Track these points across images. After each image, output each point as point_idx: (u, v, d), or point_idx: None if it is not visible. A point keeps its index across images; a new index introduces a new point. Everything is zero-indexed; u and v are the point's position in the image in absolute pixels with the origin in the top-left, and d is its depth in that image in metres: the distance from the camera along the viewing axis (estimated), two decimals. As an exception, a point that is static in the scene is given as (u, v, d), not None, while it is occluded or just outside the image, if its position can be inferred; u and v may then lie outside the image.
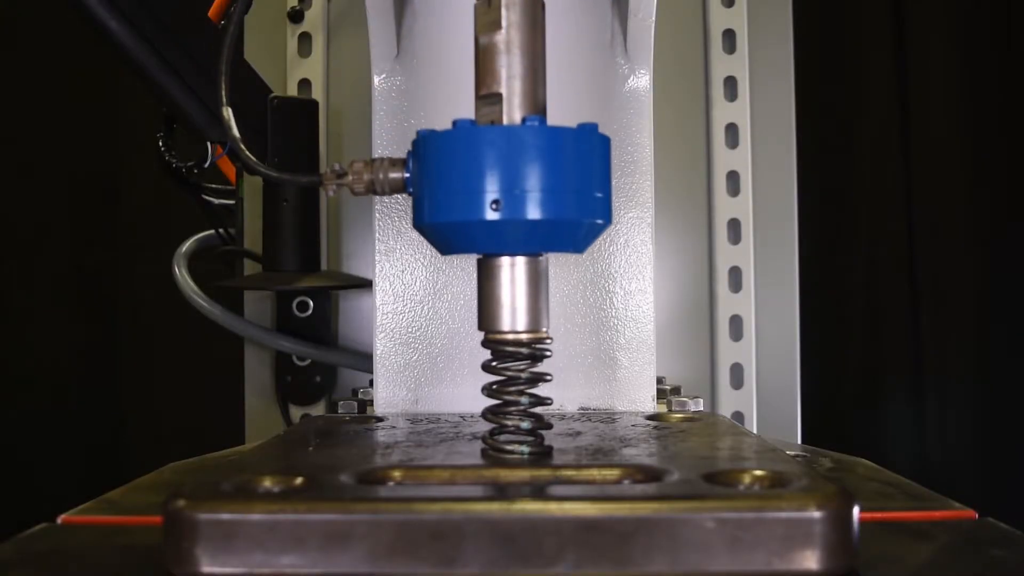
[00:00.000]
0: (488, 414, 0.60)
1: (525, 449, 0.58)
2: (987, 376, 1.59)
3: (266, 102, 1.02)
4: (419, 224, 0.58)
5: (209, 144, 1.05)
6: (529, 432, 0.58)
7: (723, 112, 1.21)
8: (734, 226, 1.21)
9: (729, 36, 1.22)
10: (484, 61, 0.58)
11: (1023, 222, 1.57)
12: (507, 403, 0.59)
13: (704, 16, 1.22)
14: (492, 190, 0.54)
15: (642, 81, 0.82)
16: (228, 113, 0.69)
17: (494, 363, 0.59)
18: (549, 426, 0.60)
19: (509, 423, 0.59)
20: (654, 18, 0.80)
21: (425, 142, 0.57)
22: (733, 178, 1.21)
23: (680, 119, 1.21)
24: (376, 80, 0.83)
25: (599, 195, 0.57)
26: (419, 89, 0.83)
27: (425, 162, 0.57)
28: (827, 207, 1.59)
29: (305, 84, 1.21)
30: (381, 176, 0.60)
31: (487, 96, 0.58)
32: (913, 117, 1.61)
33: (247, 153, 0.68)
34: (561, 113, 0.67)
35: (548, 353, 0.60)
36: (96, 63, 1.60)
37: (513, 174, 0.55)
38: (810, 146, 1.29)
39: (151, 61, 0.87)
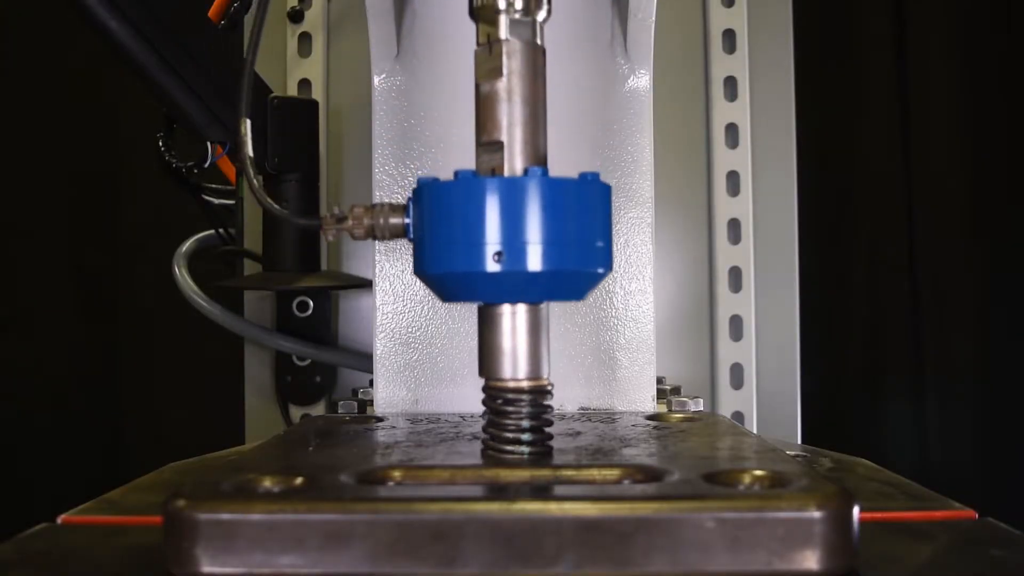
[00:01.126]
0: (490, 428, 0.59)
1: (525, 449, 0.58)
2: (987, 376, 1.58)
3: (266, 102, 1.02)
4: (420, 272, 0.58)
5: (209, 144, 1.05)
6: (530, 444, 0.58)
7: (723, 112, 1.21)
8: (734, 226, 1.21)
9: (729, 36, 1.22)
10: (485, 108, 0.58)
11: (1023, 222, 1.56)
12: (507, 426, 0.59)
13: (704, 16, 1.22)
14: (494, 242, 0.55)
15: (642, 81, 0.82)
16: (246, 127, 0.68)
17: (497, 401, 0.59)
18: (550, 436, 0.60)
19: (509, 435, 0.58)
20: (654, 18, 0.80)
21: (426, 191, 0.57)
22: (733, 178, 1.21)
23: (680, 119, 1.21)
24: (376, 80, 0.83)
25: (600, 244, 0.57)
26: (419, 89, 0.83)
27: (426, 211, 0.57)
28: (827, 207, 1.58)
29: (305, 84, 1.21)
30: (381, 222, 0.60)
31: (488, 144, 0.58)
32: (913, 117, 1.60)
33: (253, 178, 0.67)
34: (561, 113, 0.67)
35: (550, 395, 0.60)
36: (96, 63, 1.60)
37: (515, 226, 0.55)
38: (810, 146, 1.29)
39: (151, 61, 0.87)
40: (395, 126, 0.83)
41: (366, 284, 1.11)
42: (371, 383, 0.85)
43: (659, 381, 0.84)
